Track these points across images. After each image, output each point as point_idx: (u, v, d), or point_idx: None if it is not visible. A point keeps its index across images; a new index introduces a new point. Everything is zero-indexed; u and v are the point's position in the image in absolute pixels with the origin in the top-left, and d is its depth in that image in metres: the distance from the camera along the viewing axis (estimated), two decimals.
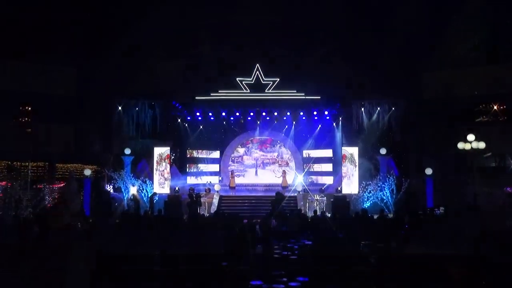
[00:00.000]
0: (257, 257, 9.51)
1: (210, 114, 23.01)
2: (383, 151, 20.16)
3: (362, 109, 21.90)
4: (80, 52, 20.80)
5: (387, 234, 9.90)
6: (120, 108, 21.56)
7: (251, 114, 23.09)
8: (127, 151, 20.30)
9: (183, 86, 21.82)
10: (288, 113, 23.17)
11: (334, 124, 23.52)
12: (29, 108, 21.48)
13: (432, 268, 6.18)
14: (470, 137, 15.51)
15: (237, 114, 23.01)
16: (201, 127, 24.34)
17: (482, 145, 15.49)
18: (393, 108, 21.56)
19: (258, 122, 24.28)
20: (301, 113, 23.05)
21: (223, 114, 22.93)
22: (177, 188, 20.36)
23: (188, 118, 23.65)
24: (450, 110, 20.22)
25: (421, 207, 16.89)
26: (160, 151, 20.54)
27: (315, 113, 22.81)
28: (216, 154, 24.69)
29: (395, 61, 20.49)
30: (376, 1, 21.21)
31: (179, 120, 23.71)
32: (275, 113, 23.04)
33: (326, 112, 22.69)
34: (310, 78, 21.34)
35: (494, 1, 19.82)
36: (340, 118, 22.95)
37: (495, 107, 20.71)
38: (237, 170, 24.44)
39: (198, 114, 22.99)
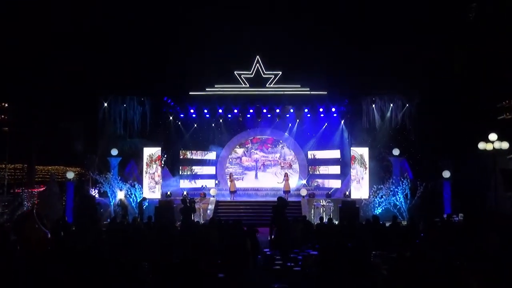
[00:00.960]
0: (257, 268, 9.55)
1: (206, 111, 23.02)
2: (396, 152, 20.17)
3: (373, 105, 21.77)
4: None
5: (400, 243, 9.93)
6: (105, 104, 21.54)
7: (251, 111, 23.10)
8: (114, 151, 20.32)
9: (176, 80, 21.82)
10: (292, 110, 23.19)
11: (342, 122, 23.57)
12: (6, 105, 21.50)
13: (450, 280, 6.20)
14: (492, 136, 15.52)
15: (235, 111, 23.01)
16: (195, 125, 24.35)
17: (505, 145, 15.51)
18: (407, 105, 21.53)
19: (259, 120, 24.29)
20: (306, 110, 23.08)
21: (220, 111, 22.96)
22: (168, 193, 20.41)
23: (181, 115, 23.69)
24: (470, 108, 20.23)
25: (438, 213, 16.94)
26: (151, 152, 20.59)
27: (321, 110, 22.83)
28: (212, 155, 24.71)
29: (408, 54, 20.49)
30: None
31: (171, 118, 23.74)
32: (277, 110, 23.03)
33: (333, 109, 22.72)
34: (315, 71, 21.35)
35: None
36: (349, 116, 22.99)
37: None
38: (235, 173, 24.44)
39: (192, 111, 23.01)
